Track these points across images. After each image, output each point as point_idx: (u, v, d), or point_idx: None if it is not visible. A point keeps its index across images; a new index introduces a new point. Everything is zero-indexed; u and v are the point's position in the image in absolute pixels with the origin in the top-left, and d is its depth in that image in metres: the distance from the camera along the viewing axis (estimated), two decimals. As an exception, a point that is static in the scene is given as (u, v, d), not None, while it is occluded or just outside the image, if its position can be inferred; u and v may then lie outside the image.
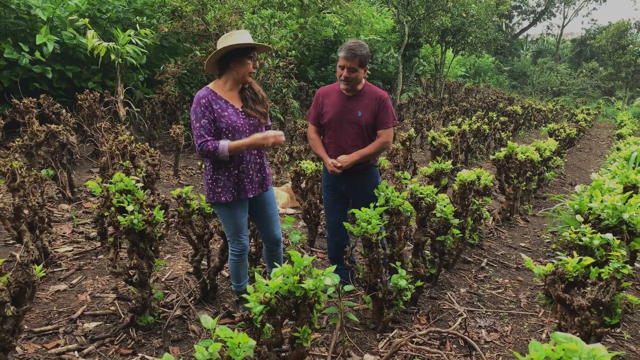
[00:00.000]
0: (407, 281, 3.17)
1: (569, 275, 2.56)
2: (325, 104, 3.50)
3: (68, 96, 7.90)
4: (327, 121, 3.47)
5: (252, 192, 3.03)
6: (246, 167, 2.97)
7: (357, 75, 3.30)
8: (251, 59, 2.90)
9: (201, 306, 3.45)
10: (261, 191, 3.11)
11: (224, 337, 1.81)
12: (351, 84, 3.34)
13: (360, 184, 3.53)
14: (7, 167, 3.47)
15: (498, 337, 3.31)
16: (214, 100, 2.87)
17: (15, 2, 7.06)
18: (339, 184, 3.56)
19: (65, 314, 3.20)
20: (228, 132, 2.87)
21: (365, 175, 3.54)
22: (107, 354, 2.83)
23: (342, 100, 3.44)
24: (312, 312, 2.25)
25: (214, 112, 2.85)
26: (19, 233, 3.56)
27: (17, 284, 2.28)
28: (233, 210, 3.02)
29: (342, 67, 3.29)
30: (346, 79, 3.29)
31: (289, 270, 2.20)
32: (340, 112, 3.42)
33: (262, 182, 3.10)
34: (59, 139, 4.91)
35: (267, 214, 3.21)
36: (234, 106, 2.92)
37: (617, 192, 3.99)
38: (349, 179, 3.51)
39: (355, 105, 3.42)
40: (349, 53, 3.22)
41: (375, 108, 3.40)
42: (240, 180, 2.97)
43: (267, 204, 3.19)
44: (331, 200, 3.67)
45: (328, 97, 3.51)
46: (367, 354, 2.96)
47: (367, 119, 3.40)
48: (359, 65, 3.26)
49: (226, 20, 7.27)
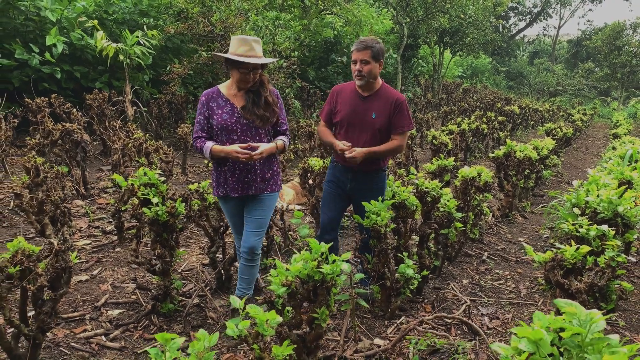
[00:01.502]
0: (414, 271, 3.35)
1: (567, 262, 2.75)
2: (339, 102, 3.39)
3: (75, 96, 8.06)
4: (339, 120, 3.38)
5: (236, 191, 3.01)
6: (232, 165, 2.98)
7: (371, 69, 3.19)
8: (241, 70, 2.87)
9: (217, 295, 3.62)
10: (250, 193, 3.03)
11: (254, 314, 1.98)
12: (365, 79, 3.22)
13: (366, 187, 3.45)
14: (32, 164, 3.62)
15: (500, 324, 3.49)
16: (214, 98, 2.99)
17: (25, 4, 7.21)
18: (345, 182, 3.48)
19: (89, 302, 3.37)
20: (218, 130, 2.95)
21: (373, 178, 3.46)
22: (131, 339, 3.00)
23: (356, 100, 3.33)
24: (329, 295, 2.43)
25: (209, 109, 2.96)
26: (42, 227, 3.72)
27: (54, 269, 2.45)
28: (224, 206, 3.15)
29: (354, 61, 3.21)
30: (359, 73, 3.19)
31: (308, 256, 2.37)
32: (353, 112, 3.32)
33: (252, 184, 3.02)
34: (74, 137, 5.07)
35: (252, 217, 3.11)
36: (233, 105, 2.97)
37: (612, 187, 4.18)
38: (357, 179, 3.44)
39: (370, 107, 3.31)
40: (360, 45, 3.16)
41: (391, 111, 3.29)
42: (227, 178, 3.01)
43: (257, 207, 3.11)
44: (331, 196, 3.57)
45: (342, 95, 3.41)
46: (377, 338, 3.13)
47: (382, 121, 3.28)
48: (371, 57, 3.16)
49: (231, 22, 7.44)
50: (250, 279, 3.23)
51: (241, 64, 2.85)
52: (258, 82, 3.00)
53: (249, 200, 3.10)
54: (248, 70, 2.88)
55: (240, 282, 3.25)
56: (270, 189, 3.13)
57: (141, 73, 8.69)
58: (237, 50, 2.87)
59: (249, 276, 3.22)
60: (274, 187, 3.16)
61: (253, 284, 3.30)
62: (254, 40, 2.93)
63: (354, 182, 3.44)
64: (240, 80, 2.93)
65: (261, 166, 3.04)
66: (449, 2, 15.83)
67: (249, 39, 2.92)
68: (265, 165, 3.08)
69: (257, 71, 2.94)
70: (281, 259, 4.37)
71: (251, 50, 2.88)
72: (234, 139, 2.95)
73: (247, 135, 2.98)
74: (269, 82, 3.11)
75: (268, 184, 3.12)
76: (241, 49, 2.86)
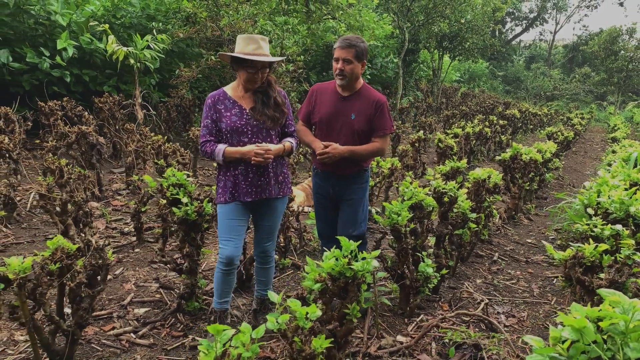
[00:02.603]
0: (433, 269, 3.43)
1: (587, 260, 2.83)
2: (318, 102, 3.25)
3: (83, 99, 8.12)
4: (317, 120, 3.23)
5: (249, 195, 2.89)
6: (245, 169, 2.86)
7: (353, 69, 3.03)
8: (249, 69, 2.79)
9: (238, 294, 3.69)
10: (264, 196, 2.93)
11: (294, 307, 2.05)
12: (347, 79, 3.06)
13: (348, 189, 3.28)
14: (56, 165, 3.69)
15: (516, 322, 3.57)
16: (221, 100, 2.88)
17: (35, 8, 7.28)
18: (327, 189, 3.33)
19: (115, 300, 3.43)
20: (228, 133, 2.85)
21: (354, 180, 3.29)
22: (159, 336, 3.06)
23: (336, 100, 3.18)
24: (359, 291, 2.50)
25: (217, 112, 2.87)
26: (65, 227, 3.78)
27: (92, 266, 2.52)
28: (228, 211, 2.91)
29: (336, 59, 3.05)
30: (341, 72, 3.03)
31: (339, 254, 2.45)
32: (332, 112, 3.17)
33: (266, 188, 2.93)
34: (89, 139, 5.13)
35: (264, 224, 3.06)
36: (241, 106, 2.88)
37: (622, 188, 4.28)
38: (337, 183, 3.28)
39: (350, 107, 3.15)
40: (343, 42, 3.00)
41: (372, 112, 3.14)
42: (237, 182, 2.88)
43: (270, 214, 3.04)
44: (320, 207, 3.46)
45: (322, 95, 3.25)
46: (398, 335, 3.21)
47: (361, 123, 3.14)
48: (354, 56, 3.00)
49: (240, 26, 7.53)
50: (266, 280, 3.24)
51: (249, 62, 2.75)
52: (266, 82, 2.93)
53: (261, 205, 2.99)
54: (256, 69, 2.79)
55: (257, 284, 3.28)
56: (282, 193, 3.06)
57: (148, 77, 8.76)
58: (245, 48, 2.78)
59: (265, 278, 3.23)
60: (285, 190, 3.09)
61: (270, 284, 3.30)
62: (262, 38, 2.84)
63: (337, 187, 3.29)
64: (247, 80, 2.84)
65: (274, 169, 2.97)
66: (449, 7, 16.00)
67: (257, 37, 2.83)
68: (278, 167, 3.01)
69: (265, 70, 2.85)
70: (297, 259, 4.44)
71: (259, 48, 2.79)
72: (244, 141, 2.86)
73: (258, 136, 2.89)
74: (276, 82, 3.04)
75: (281, 187, 3.04)
76: (249, 47, 2.78)
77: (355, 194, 3.29)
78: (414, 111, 15.94)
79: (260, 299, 3.28)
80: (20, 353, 2.75)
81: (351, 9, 12.25)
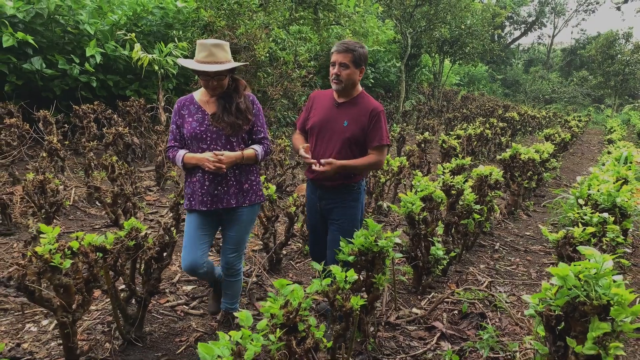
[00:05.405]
0: (443, 252, 3.92)
1: (576, 240, 3.31)
2: (314, 108, 3.12)
3: (107, 103, 8.61)
4: (310, 126, 3.08)
5: (204, 205, 2.79)
6: (202, 176, 2.78)
7: (350, 74, 2.89)
8: (202, 77, 2.73)
9: (270, 274, 4.17)
10: (221, 206, 2.81)
11: (335, 272, 2.53)
12: (343, 85, 2.91)
13: (336, 208, 3.07)
14: (109, 162, 4.17)
15: (516, 299, 4.05)
16: (186, 105, 2.84)
17: (65, 18, 7.77)
18: (315, 201, 3.16)
19: (165, 279, 3.91)
20: (188, 139, 2.80)
21: (342, 196, 3.06)
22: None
23: (330, 106, 3.04)
24: (384, 264, 2.98)
25: (181, 117, 2.83)
26: (116, 217, 4.26)
27: (160, 244, 3.00)
28: (189, 219, 2.88)
29: (333, 64, 2.91)
30: (337, 76, 2.89)
31: (367, 233, 2.92)
32: (324, 119, 3.01)
33: (223, 197, 2.81)
34: (125, 140, 5.61)
35: (229, 234, 2.95)
36: (204, 112, 2.81)
37: (610, 182, 4.77)
38: (324, 195, 3.09)
39: (343, 114, 2.98)
40: (341, 47, 2.87)
41: (366, 121, 2.94)
42: (195, 190, 2.82)
43: (233, 223, 2.92)
44: (312, 221, 3.28)
45: (319, 101, 3.13)
46: (414, 308, 3.69)
47: (354, 131, 2.94)
48: (352, 61, 2.86)
49: (256, 35, 8.03)
50: (232, 294, 3.15)
51: (200, 71, 2.69)
52: (232, 87, 2.84)
53: (225, 214, 2.90)
54: (208, 77, 2.70)
55: (224, 297, 3.20)
56: (249, 201, 2.91)
57: (166, 81, 9.25)
58: (197, 56, 2.70)
59: (230, 291, 3.14)
60: (253, 199, 2.93)
61: (237, 298, 3.21)
62: (214, 44, 2.70)
63: (323, 200, 3.10)
64: (204, 87, 2.78)
65: (237, 177, 2.85)
66: (449, 13, 16.54)
67: (208, 44, 2.70)
68: (242, 175, 2.87)
69: (221, 77, 2.73)
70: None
71: (210, 56, 2.67)
72: (203, 148, 2.76)
73: (217, 144, 2.77)
74: (246, 87, 2.93)
75: (246, 196, 2.91)
76: (200, 55, 2.69)
77: (345, 214, 3.07)
78: (417, 114, 16.47)
79: (225, 312, 3.21)
80: (94, 319, 3.23)
81: (356, 15, 12.79)
